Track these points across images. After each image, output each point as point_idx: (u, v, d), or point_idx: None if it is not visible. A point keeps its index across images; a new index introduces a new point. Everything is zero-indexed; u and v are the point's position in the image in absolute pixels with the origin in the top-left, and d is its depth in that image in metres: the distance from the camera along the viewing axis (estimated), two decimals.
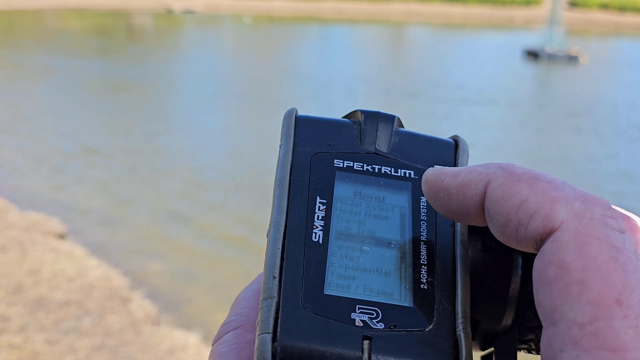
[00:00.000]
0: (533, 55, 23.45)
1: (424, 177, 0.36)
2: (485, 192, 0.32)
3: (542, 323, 0.28)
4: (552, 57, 22.93)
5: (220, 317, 4.69)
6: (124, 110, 12.54)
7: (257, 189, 7.74)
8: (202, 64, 19.12)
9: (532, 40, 25.64)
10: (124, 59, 20.18)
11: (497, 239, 0.36)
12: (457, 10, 47.06)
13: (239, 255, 5.98)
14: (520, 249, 0.31)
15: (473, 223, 0.34)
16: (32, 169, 8.43)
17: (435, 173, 0.35)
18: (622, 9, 46.91)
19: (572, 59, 22.79)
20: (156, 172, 8.52)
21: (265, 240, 0.35)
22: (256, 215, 6.94)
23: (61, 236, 6.10)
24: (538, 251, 0.29)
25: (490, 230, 0.32)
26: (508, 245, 0.32)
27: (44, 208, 6.79)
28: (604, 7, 47.44)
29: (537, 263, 0.29)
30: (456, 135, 0.43)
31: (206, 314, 4.91)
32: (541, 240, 0.29)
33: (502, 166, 0.32)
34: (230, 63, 19.91)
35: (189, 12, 41.87)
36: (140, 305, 4.73)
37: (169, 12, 41.89)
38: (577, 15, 44.04)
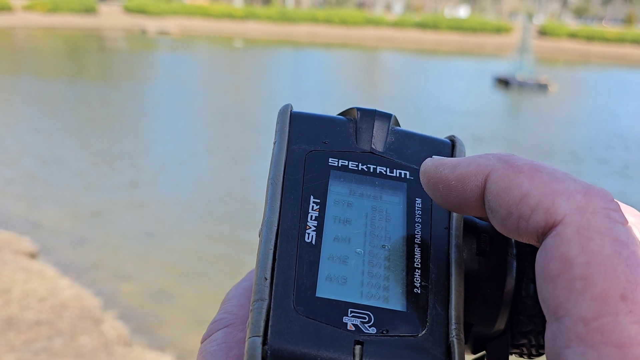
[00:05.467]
0: (503, 82, 23.61)
1: (422, 167, 0.35)
2: (485, 185, 0.31)
3: (547, 318, 0.28)
4: (522, 85, 23.09)
5: (193, 338, 4.68)
6: (96, 130, 12.46)
7: (232, 208, 7.74)
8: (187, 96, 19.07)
9: (503, 67, 25.89)
10: (99, 81, 20.06)
11: (492, 243, 0.37)
12: (430, 36, 47.55)
13: (213, 275, 5.95)
14: (522, 241, 0.31)
15: (473, 214, 0.33)
16: (2, 188, 8.32)
17: (434, 164, 0.34)
18: (590, 38, 47.97)
19: (542, 87, 23.01)
20: (129, 192, 8.46)
21: (258, 239, 0.34)
22: (231, 234, 6.93)
23: (32, 255, 6.01)
24: (540, 244, 0.29)
25: (491, 222, 0.32)
26: (509, 237, 0.32)
27: (15, 227, 6.70)
28: (573, 36, 48.41)
29: (540, 258, 0.28)
30: (453, 135, 0.42)
31: (179, 335, 4.87)
32: (543, 234, 0.29)
33: (502, 157, 0.31)
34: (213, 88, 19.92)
35: (163, 33, 41.74)
36: (113, 326, 4.66)
37: (143, 32, 41.72)
38: (547, 43, 44.81)
